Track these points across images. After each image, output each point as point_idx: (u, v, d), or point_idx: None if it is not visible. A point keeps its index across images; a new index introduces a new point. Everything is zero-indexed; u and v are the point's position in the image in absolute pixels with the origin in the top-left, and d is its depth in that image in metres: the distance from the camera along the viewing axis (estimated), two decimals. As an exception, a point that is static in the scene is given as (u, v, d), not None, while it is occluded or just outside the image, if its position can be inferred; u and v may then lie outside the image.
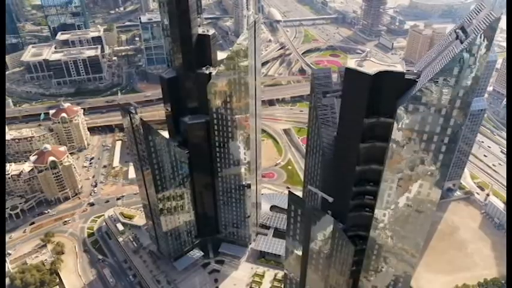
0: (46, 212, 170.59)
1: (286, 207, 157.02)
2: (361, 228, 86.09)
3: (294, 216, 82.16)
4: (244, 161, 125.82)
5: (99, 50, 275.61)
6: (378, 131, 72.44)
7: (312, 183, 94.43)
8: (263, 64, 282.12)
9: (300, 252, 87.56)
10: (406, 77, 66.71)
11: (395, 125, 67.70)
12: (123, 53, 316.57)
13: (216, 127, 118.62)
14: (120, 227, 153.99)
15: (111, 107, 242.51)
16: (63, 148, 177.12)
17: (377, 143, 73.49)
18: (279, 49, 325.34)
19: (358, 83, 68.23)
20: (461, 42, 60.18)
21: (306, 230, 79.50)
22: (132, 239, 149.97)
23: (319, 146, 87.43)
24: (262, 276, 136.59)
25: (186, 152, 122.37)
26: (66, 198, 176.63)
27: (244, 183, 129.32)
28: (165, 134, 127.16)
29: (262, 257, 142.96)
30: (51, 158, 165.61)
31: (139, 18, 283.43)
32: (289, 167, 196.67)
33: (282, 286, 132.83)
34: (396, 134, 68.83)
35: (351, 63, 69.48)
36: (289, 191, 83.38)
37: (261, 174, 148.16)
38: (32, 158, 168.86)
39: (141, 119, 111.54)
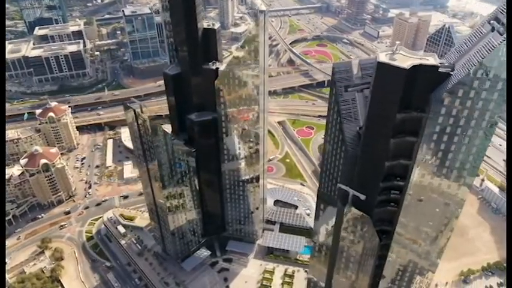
0: (40, 216, 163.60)
1: (289, 201, 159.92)
2: (385, 223, 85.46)
3: (324, 216, 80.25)
4: (252, 156, 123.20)
5: (81, 45, 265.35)
6: (408, 126, 71.27)
7: (332, 179, 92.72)
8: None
9: (327, 253, 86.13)
10: (440, 70, 65.42)
11: (429, 119, 66.46)
12: (105, 48, 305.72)
13: (224, 124, 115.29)
14: (122, 229, 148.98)
15: (99, 104, 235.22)
16: (54, 149, 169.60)
17: (407, 137, 72.47)
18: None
19: (392, 78, 66.49)
20: (501, 34, 59.13)
21: (336, 229, 77.88)
22: (135, 241, 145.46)
23: (340, 141, 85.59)
24: (272, 272, 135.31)
25: (193, 151, 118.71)
26: (60, 202, 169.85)
27: (252, 175, 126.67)
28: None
29: (270, 253, 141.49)
30: (43, 161, 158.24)
31: (123, 11, 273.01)
32: (287, 160, 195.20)
33: (293, 281, 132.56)
34: (429, 128, 67.66)
35: (382, 57, 67.63)
36: (318, 190, 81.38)
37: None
38: (22, 161, 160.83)
39: (148, 116, 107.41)
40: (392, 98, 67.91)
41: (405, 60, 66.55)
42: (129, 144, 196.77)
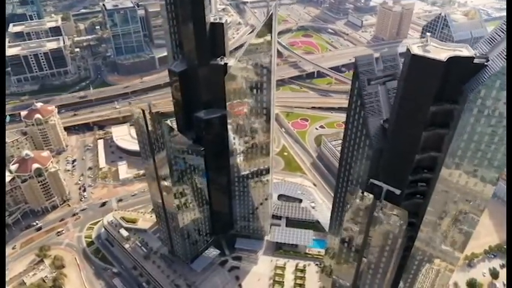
0: (34, 224, 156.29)
1: (293, 195, 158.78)
2: (410, 215, 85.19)
3: (344, 212, 79.15)
4: (262, 150, 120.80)
5: (61, 42, 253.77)
6: (439, 118, 70.75)
7: (353, 174, 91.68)
8: (236, 49, 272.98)
9: (357, 250, 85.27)
10: (475, 61, 64.82)
11: (464, 110, 65.92)
12: (85, 44, 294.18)
13: (233, 120, 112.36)
14: (124, 233, 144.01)
15: (85, 103, 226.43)
16: (46, 153, 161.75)
17: (438, 130, 72.00)
18: (251, 32, 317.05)
19: (427, 70, 65.47)
20: (540, 23, 58.83)
21: (367, 225, 77.07)
22: (140, 244, 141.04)
23: (364, 135, 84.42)
24: (283, 268, 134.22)
25: (201, 149, 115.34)
26: (54, 207, 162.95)
27: (262, 167, 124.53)
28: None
29: (279, 249, 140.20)
30: (36, 165, 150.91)
31: (103, 4, 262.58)
32: (285, 154, 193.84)
33: (305, 276, 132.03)
34: (463, 120, 67.15)
35: (415, 49, 66.45)
36: (336, 186, 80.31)
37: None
38: (13, 166, 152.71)
39: (155, 113, 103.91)
40: (427, 91, 66.97)
41: (439, 52, 65.61)
42: (121, 143, 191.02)
